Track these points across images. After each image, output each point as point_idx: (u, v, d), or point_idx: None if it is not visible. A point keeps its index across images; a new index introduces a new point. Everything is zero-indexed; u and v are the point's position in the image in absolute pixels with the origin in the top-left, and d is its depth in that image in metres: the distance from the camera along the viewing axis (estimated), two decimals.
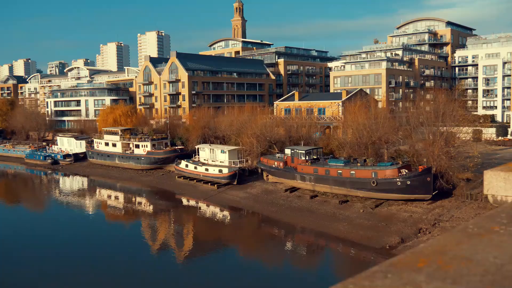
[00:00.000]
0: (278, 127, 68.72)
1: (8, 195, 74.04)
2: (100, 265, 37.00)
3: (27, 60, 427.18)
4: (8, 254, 40.20)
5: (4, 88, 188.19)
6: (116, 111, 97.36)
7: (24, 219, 55.52)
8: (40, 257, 39.10)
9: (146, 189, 68.92)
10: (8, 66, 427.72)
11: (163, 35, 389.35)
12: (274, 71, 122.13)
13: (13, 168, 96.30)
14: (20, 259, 38.73)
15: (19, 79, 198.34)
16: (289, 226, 46.76)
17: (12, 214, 59.58)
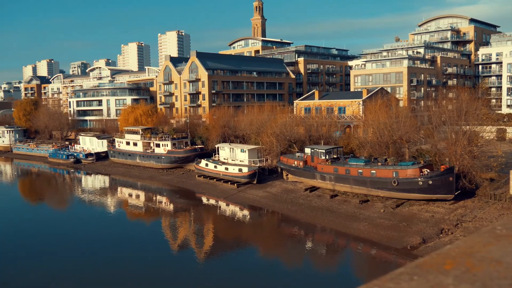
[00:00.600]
0: (298, 126, 68.47)
1: (32, 194, 75.33)
2: (121, 263, 37.36)
3: (50, 61, 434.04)
4: (32, 251, 40.87)
5: (28, 88, 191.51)
6: (137, 110, 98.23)
7: (47, 217, 56.43)
8: (62, 254, 39.67)
9: (167, 188, 69.40)
10: (32, 66, 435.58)
11: (183, 35, 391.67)
12: (294, 70, 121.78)
13: (37, 167, 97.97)
14: (44, 256, 39.37)
15: (42, 79, 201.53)
16: (309, 226, 46.58)
17: (36, 212, 60.57)
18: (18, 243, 43.90)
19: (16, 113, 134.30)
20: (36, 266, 36.96)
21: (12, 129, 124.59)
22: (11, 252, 40.93)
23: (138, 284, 33.09)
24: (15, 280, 34.14)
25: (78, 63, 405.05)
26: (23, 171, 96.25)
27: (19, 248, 41.98)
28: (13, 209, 60.85)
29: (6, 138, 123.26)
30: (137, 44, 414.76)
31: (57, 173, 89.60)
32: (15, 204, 65.50)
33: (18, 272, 35.75)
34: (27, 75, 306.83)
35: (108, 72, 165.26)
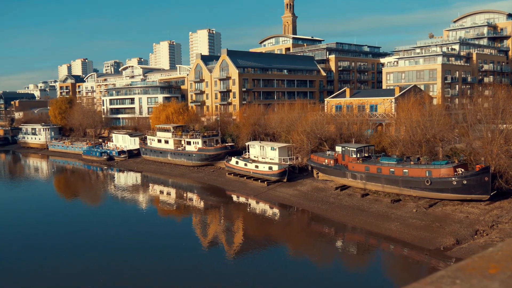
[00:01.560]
0: (329, 124, 67.91)
1: (67, 190, 77.08)
2: (152, 259, 37.79)
3: (84, 60, 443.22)
4: (66, 245, 41.79)
5: (63, 87, 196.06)
6: (168, 108, 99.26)
7: (81, 213, 57.61)
8: (96, 249, 40.45)
9: (197, 185, 69.91)
10: (67, 66, 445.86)
11: (214, 33, 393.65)
12: (325, 67, 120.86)
13: (72, 164, 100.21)
14: (78, 251, 40.20)
15: (77, 78, 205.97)
16: (339, 225, 46.16)
17: (71, 208, 61.94)
18: (54, 237, 44.96)
19: (52, 111, 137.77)
20: (71, 260, 37.77)
21: (48, 127, 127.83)
22: (48, 246, 41.94)
23: (169, 280, 33.41)
24: (52, 273, 34.96)
25: (111, 62, 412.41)
26: (59, 168, 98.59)
27: (55, 242, 42.99)
28: (49, 205, 62.37)
29: (42, 135, 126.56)
30: (168, 43, 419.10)
31: (90, 170, 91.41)
32: (51, 200, 67.12)
33: (53, 265, 36.62)
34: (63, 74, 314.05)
35: (140, 71, 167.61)
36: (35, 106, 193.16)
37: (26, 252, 40.19)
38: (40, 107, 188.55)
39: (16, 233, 46.94)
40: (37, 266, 36.72)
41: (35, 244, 42.69)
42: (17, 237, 45.42)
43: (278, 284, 32.64)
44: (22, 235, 45.84)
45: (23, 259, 38.47)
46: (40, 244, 42.57)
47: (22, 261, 38.01)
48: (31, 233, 46.67)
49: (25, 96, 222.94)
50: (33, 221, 51.65)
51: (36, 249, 41.00)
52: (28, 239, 44.43)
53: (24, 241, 43.67)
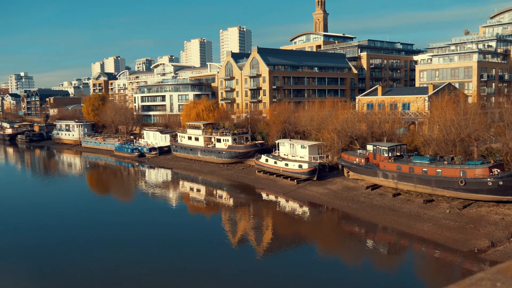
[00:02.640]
0: (360, 122, 67.07)
1: (99, 186, 78.46)
2: (181, 255, 38.08)
3: (117, 58, 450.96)
4: (99, 240, 42.52)
5: (96, 84, 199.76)
6: (199, 106, 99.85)
7: (113, 209, 58.55)
8: (127, 245, 41.03)
9: (227, 182, 70.11)
10: (100, 63, 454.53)
11: (245, 31, 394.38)
12: (356, 65, 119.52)
13: (104, 160, 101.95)
14: (111, 245, 40.85)
15: (109, 76, 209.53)
16: (370, 224, 45.52)
17: (103, 203, 63.03)
18: (87, 233, 45.77)
19: (85, 108, 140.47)
20: (104, 255, 38.41)
21: (81, 124, 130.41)
22: (81, 241, 42.74)
23: (198, 276, 33.55)
24: (84, 267, 35.59)
25: (143, 59, 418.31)
26: (91, 164, 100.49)
27: (88, 238, 43.76)
28: (82, 201, 63.58)
29: (76, 132, 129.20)
30: (199, 41, 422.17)
31: (122, 166, 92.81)
32: (84, 195, 68.45)
33: (86, 260, 37.28)
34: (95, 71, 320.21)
35: (172, 68, 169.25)
36: (69, 103, 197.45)
37: (59, 247, 41.07)
38: (74, 104, 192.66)
39: (51, 228, 48.00)
40: (70, 260, 37.44)
41: (68, 239, 43.57)
42: (52, 231, 46.44)
43: (307, 283, 32.37)
44: (56, 230, 46.87)
45: (56, 253, 39.32)
46: (73, 240, 43.40)
47: (55, 254, 38.86)
48: (65, 228, 47.66)
49: (59, 93, 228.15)
50: (67, 217, 52.73)
51: (68, 244, 41.83)
52: (62, 234, 45.40)
53: (58, 236, 44.63)
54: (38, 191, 71.27)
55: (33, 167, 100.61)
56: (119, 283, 32.53)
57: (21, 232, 46.29)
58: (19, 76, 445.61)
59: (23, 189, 72.60)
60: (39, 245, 41.83)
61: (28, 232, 45.97)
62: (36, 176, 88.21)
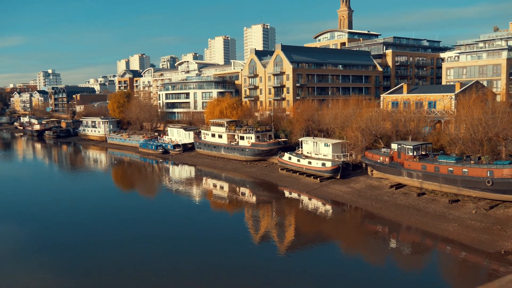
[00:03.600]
0: (385, 120, 66.38)
1: (124, 182, 79.50)
2: (204, 252, 38.34)
3: (142, 55, 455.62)
4: (124, 236, 43.15)
5: (122, 81, 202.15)
6: (223, 103, 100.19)
7: (137, 205, 59.25)
8: (151, 240, 41.54)
9: (250, 180, 70.25)
10: (125, 61, 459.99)
11: (269, 28, 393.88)
12: (381, 62, 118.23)
13: (129, 156, 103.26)
14: (134, 241, 41.41)
15: (134, 73, 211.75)
16: (394, 224, 45.07)
17: (128, 199, 63.87)
18: (112, 228, 46.50)
19: (111, 105, 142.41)
20: (129, 250, 38.97)
21: (107, 120, 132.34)
22: (107, 236, 43.45)
23: (222, 272, 33.75)
24: (110, 263, 36.17)
25: (167, 57, 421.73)
26: (116, 160, 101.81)
27: (113, 233, 44.45)
28: (107, 196, 64.58)
29: (102, 128, 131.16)
30: (223, 38, 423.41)
31: (146, 163, 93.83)
32: (109, 191, 69.49)
33: (112, 255, 37.88)
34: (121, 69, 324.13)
35: (196, 66, 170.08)
36: (95, 99, 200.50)
37: (86, 242, 41.83)
38: (100, 100, 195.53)
39: (78, 224, 48.89)
40: (97, 256, 38.10)
41: (94, 235, 44.33)
42: (79, 227, 47.30)
43: (329, 282, 32.26)
44: (82, 226, 47.72)
45: (82, 248, 40.06)
46: (99, 236, 44.14)
47: (82, 249, 39.59)
48: (92, 224, 48.49)
49: (86, 90, 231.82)
50: (93, 213, 53.65)
51: (95, 240, 42.55)
52: (89, 230, 46.22)
53: (85, 232, 45.46)
54: (65, 187, 72.61)
55: (60, 163, 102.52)
56: (145, 279, 32.95)
57: (50, 228, 47.30)
58: (47, 73, 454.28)
59: (50, 185, 74.09)
60: (67, 240, 42.67)
61: (56, 228, 46.97)
62: (63, 172, 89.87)
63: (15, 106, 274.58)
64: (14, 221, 49.54)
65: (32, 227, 47.12)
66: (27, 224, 48.30)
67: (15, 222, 49.34)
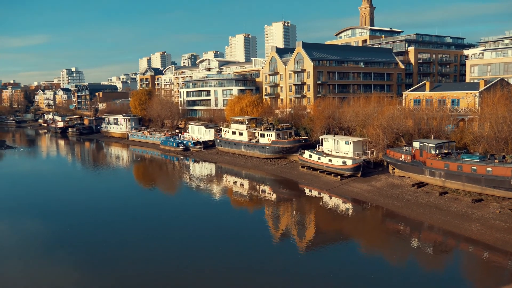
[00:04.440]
0: (407, 118, 65.66)
1: (145, 178, 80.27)
2: (225, 249, 38.50)
3: (163, 53, 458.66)
4: (144, 232, 43.61)
5: (143, 79, 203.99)
6: (243, 101, 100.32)
7: (158, 201, 59.80)
8: (171, 237, 41.90)
9: (270, 177, 70.25)
10: (147, 59, 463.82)
11: (290, 26, 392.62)
12: (403, 60, 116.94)
13: (150, 153, 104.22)
14: (155, 237, 41.83)
15: (156, 71, 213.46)
16: (415, 223, 44.60)
17: (149, 196, 64.47)
18: (134, 224, 47.03)
19: (132, 102, 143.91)
20: (151, 246, 39.39)
21: (128, 118, 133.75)
22: (128, 233, 43.97)
23: (241, 270, 33.86)
24: (133, 260, 36.62)
25: (188, 55, 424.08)
26: (138, 157, 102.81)
27: (135, 229, 44.97)
28: (130, 193, 65.28)
29: (124, 125, 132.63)
30: (244, 36, 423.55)
31: (167, 160, 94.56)
32: (131, 188, 70.24)
33: (136, 252, 38.33)
34: (143, 67, 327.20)
35: (216, 64, 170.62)
36: (117, 97, 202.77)
37: (109, 238, 42.42)
38: (122, 98, 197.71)
39: (101, 220, 49.62)
40: (119, 252, 38.61)
41: (116, 232, 44.91)
42: (101, 224, 48.01)
43: (350, 280, 32.10)
44: (105, 223, 48.41)
45: (106, 244, 40.62)
46: (122, 233, 44.69)
47: (106, 245, 40.16)
48: (114, 221, 49.16)
49: (108, 87, 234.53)
50: (115, 210, 54.34)
51: (117, 236, 43.11)
52: (111, 226, 46.87)
53: (108, 228, 46.10)
54: (88, 184, 73.67)
55: (83, 160, 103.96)
56: (169, 276, 33.28)
57: (73, 224, 48.00)
58: (70, 71, 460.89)
59: (73, 182, 75.18)
60: (90, 237, 43.33)
61: (80, 225, 47.66)
62: (86, 168, 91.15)
63: (39, 103, 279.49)
64: (38, 217, 50.46)
65: (56, 223, 47.93)
66: (51, 220, 49.17)
67: (39, 218, 50.24)
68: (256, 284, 31.71)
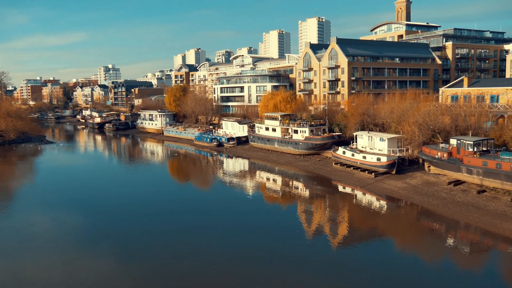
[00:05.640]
0: (443, 115, 64.34)
1: (179, 173, 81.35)
2: (258, 244, 38.73)
3: (198, 50, 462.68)
4: (178, 227, 44.28)
5: (178, 76, 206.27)
6: (277, 97, 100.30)
7: (192, 196, 60.59)
8: (205, 232, 42.43)
9: (303, 174, 70.11)
10: (182, 55, 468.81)
11: (324, 21, 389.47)
12: (440, 55, 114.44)
13: (184, 148, 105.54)
14: (189, 232, 42.43)
15: (190, 67, 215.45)
16: (451, 222, 43.76)
17: (183, 191, 65.39)
18: (167, 219, 47.79)
19: (167, 98, 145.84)
20: (187, 241, 39.99)
21: (163, 113, 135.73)
22: (163, 226, 44.73)
23: (274, 265, 33.99)
24: (171, 254, 37.27)
25: (222, 51, 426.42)
26: (172, 152, 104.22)
27: (168, 223, 45.71)
28: (164, 188, 66.29)
29: (159, 121, 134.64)
30: (277, 32, 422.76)
31: (201, 155, 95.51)
32: (166, 183, 71.30)
33: (173, 246, 38.98)
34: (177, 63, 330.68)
35: (250, 60, 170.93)
36: (152, 93, 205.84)
37: (145, 231, 43.26)
38: (157, 94, 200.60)
39: (137, 214, 50.64)
40: (156, 246, 39.35)
41: (152, 226, 45.72)
42: (138, 217, 48.99)
43: (383, 278, 31.79)
44: (141, 216, 49.36)
45: (142, 237, 41.45)
46: (157, 227, 45.47)
47: (142, 238, 41.00)
48: (150, 215, 50.06)
49: (143, 84, 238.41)
50: (151, 204, 55.29)
51: (153, 230, 43.90)
52: (148, 220, 47.73)
53: (144, 221, 47.00)
54: (125, 178, 75.30)
55: (119, 155, 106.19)
56: (207, 270, 33.75)
57: (112, 218, 49.11)
58: (107, 68, 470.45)
59: (111, 176, 76.93)
60: (128, 231, 44.29)
61: (117, 219, 48.73)
62: (123, 163, 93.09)
63: (77, 99, 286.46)
64: (78, 211, 51.78)
65: (94, 216, 49.09)
66: (90, 213, 50.41)
67: (79, 211, 51.55)
68: (290, 280, 31.76)
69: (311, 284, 30.99)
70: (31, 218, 48.45)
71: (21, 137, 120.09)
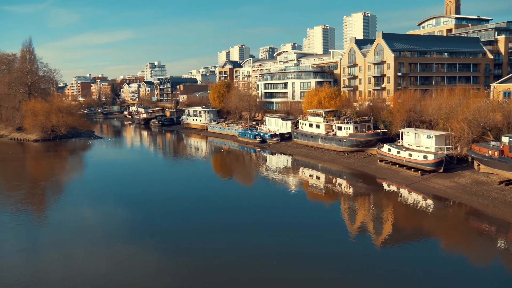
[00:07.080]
0: (495, 112, 62.00)
1: (223, 169, 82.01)
2: (301, 241, 38.53)
3: (242, 46, 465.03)
4: (226, 224, 44.64)
5: (222, 72, 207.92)
6: (321, 93, 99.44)
7: (236, 192, 60.96)
8: (248, 228, 42.60)
9: (347, 171, 69.27)
10: (226, 52, 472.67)
11: (369, 16, 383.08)
12: (492, 49, 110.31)
13: (228, 144, 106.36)
14: (232, 228, 42.71)
15: (234, 63, 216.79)
16: (502, 223, 42.15)
17: (227, 187, 65.87)
18: (214, 215, 48.26)
19: (211, 95, 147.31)
20: (230, 236, 40.30)
21: (207, 110, 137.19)
22: (208, 222, 45.21)
23: (317, 262, 33.73)
24: (206, 246, 37.65)
25: (266, 47, 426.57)
26: (216, 148, 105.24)
27: (216, 220, 46.15)
28: (208, 183, 66.99)
29: (203, 117, 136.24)
30: (322, 27, 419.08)
31: (244, 151, 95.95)
32: (210, 179, 72.07)
33: (221, 243, 39.36)
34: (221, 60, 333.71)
35: (294, 56, 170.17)
36: (197, 90, 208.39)
37: (189, 227, 43.88)
38: (201, 91, 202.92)
39: (181, 207, 51.44)
40: (200, 242, 39.82)
41: (196, 221, 46.31)
42: (182, 213, 49.75)
43: (429, 279, 30.95)
44: (185, 212, 50.10)
45: (186, 233, 42.04)
46: (201, 223, 46.00)
47: (185, 234, 41.59)
48: (194, 210, 50.74)
49: (188, 80, 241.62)
50: (195, 200, 56.01)
51: (198, 226, 44.45)
52: (192, 215, 48.41)
53: (188, 217, 47.69)
54: (170, 173, 76.66)
55: (164, 150, 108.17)
56: (256, 267, 33.90)
57: (159, 213, 50.01)
58: (153, 65, 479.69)
59: (156, 171, 78.43)
60: (174, 227, 45.00)
61: (164, 214, 49.55)
62: (168, 158, 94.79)
63: (124, 96, 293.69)
64: (125, 206, 52.92)
65: (140, 212, 50.06)
66: (138, 208, 51.41)
67: (126, 206, 52.65)
68: (334, 280, 31.43)
69: (358, 285, 30.55)
70: (82, 213, 49.82)
71: (71, 132, 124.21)
